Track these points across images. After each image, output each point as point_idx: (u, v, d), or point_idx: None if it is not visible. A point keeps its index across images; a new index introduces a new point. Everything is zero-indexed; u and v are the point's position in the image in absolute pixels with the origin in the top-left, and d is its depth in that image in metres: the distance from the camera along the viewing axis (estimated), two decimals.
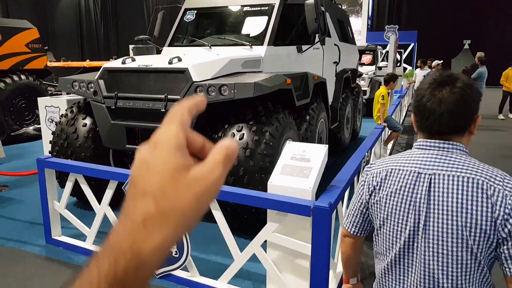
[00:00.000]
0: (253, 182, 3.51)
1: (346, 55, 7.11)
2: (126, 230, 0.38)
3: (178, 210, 0.39)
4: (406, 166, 1.38)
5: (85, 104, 4.57)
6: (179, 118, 0.42)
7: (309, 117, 4.84)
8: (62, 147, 4.27)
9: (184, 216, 0.39)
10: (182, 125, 0.42)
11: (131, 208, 0.39)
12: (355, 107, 8.02)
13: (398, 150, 8.01)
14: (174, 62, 3.93)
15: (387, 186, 1.40)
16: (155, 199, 0.38)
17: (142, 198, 0.39)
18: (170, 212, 0.38)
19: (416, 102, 1.40)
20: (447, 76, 1.36)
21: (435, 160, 1.34)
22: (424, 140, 1.39)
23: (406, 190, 1.36)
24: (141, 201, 0.39)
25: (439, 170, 1.31)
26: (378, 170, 1.46)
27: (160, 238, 0.38)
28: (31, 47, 8.85)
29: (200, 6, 5.78)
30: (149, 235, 0.37)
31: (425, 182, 1.32)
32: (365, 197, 1.48)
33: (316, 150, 2.73)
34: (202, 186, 0.40)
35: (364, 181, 1.50)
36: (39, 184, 3.53)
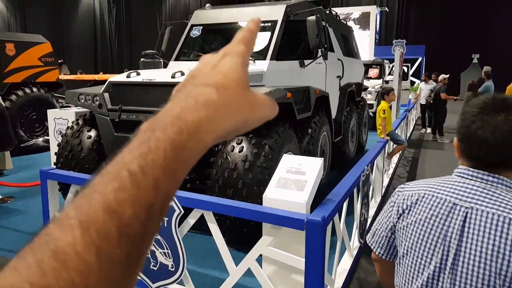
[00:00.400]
0: (252, 195, 3.54)
1: (351, 69, 7.15)
2: (189, 107, 0.39)
3: (235, 109, 0.42)
4: (441, 194, 1.24)
5: (91, 117, 4.67)
6: (248, 42, 0.46)
7: (311, 130, 4.87)
8: (67, 158, 4.36)
9: (239, 118, 0.42)
10: (249, 48, 0.46)
11: (192, 91, 0.41)
12: (360, 120, 8.03)
13: (404, 164, 7.98)
14: (176, 76, 4.01)
15: (417, 212, 1.27)
16: (218, 91, 0.41)
17: (204, 87, 0.41)
18: (229, 107, 0.41)
19: (463, 128, 1.24)
20: (502, 100, 1.21)
21: (475, 192, 1.19)
22: (467, 169, 1.25)
23: (437, 220, 1.22)
24: (204, 88, 0.41)
25: (477, 205, 1.17)
26: (410, 192, 1.33)
27: (218, 123, 0.40)
28: (44, 60, 9.07)
29: (205, 22, 5.90)
30: (209, 116, 0.39)
31: (460, 215, 1.18)
32: (393, 219, 1.35)
33: (311, 163, 2.75)
34: (258, 109, 0.45)
35: (394, 202, 1.37)
36: (41, 195, 3.60)
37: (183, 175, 0.38)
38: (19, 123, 8.43)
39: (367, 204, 4.14)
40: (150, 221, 0.34)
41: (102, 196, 0.32)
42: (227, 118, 0.41)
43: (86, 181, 0.35)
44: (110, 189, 0.33)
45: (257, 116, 0.45)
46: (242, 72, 0.43)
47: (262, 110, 0.45)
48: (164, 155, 0.35)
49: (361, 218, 3.74)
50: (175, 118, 0.38)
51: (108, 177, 0.34)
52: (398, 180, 6.81)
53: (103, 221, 0.31)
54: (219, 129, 0.41)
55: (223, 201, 2.74)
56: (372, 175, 4.47)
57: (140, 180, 0.34)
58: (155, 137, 0.36)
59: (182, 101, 0.40)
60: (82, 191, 0.34)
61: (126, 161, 0.35)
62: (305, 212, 2.51)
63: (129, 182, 0.34)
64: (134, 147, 0.36)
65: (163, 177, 0.35)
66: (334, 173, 6.24)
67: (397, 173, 7.24)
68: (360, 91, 7.99)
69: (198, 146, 0.39)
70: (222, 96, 0.41)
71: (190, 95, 0.40)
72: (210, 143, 0.40)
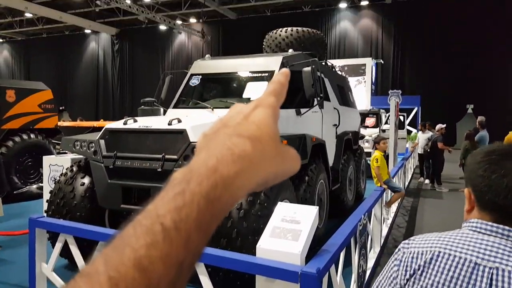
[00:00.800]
0: (246, 245, 3.43)
1: (347, 118, 7.23)
2: (225, 159, 0.38)
3: (268, 162, 0.41)
4: (460, 252, 1.09)
5: (85, 164, 4.63)
6: (278, 94, 0.46)
7: (308, 178, 4.83)
8: (58, 206, 4.27)
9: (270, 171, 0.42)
10: (279, 100, 0.46)
11: (227, 141, 0.40)
12: (358, 168, 8.01)
13: (403, 213, 7.86)
14: (173, 123, 4.02)
15: (433, 274, 1.11)
16: (252, 143, 0.40)
17: (238, 138, 0.40)
18: (262, 160, 0.40)
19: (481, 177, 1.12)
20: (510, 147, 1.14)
21: (497, 250, 1.06)
22: (485, 223, 1.11)
23: (458, 283, 1.07)
24: (238, 139, 0.40)
25: (503, 264, 1.04)
26: (420, 250, 1.16)
27: (251, 176, 0.39)
28: (44, 107, 9.17)
29: (205, 71, 6.03)
30: (244, 170, 0.38)
31: (484, 276, 1.05)
32: (400, 281, 1.17)
33: (306, 211, 2.69)
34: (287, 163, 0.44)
35: (400, 260, 1.18)
36: (29, 244, 3.49)
37: (213, 229, 0.37)
38: (14, 169, 8.37)
39: (365, 255, 4.01)
40: (179, 280, 0.34)
41: (134, 251, 0.32)
42: (260, 171, 0.41)
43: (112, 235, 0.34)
44: (142, 244, 0.32)
45: (286, 169, 0.45)
46: (274, 124, 0.44)
47: (291, 164, 0.45)
48: (198, 209, 0.35)
49: (359, 270, 3.61)
50: (211, 170, 0.37)
51: (141, 230, 0.33)
52: (397, 230, 6.67)
53: (133, 278, 0.31)
54: (252, 183, 0.40)
55: (215, 251, 2.64)
56: (370, 225, 4.38)
57: (173, 237, 0.33)
58: (190, 190, 0.36)
59: (217, 152, 0.39)
60: (113, 242, 0.33)
61: (160, 214, 0.34)
62: (300, 263, 2.41)
63: (161, 237, 0.33)
64: (169, 198, 0.36)
65: (195, 233, 0.35)
66: (332, 222, 6.11)
67: (396, 222, 7.11)
68: (357, 140, 8.04)
69: (231, 201, 0.38)
70: (256, 149, 0.40)
71: (225, 145, 0.39)
72: (242, 196, 0.40)
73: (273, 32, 7.28)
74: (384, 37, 24.24)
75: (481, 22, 21.07)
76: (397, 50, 23.93)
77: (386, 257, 5.17)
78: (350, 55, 23.86)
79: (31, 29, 31.03)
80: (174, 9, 26.12)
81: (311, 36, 7.07)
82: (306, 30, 7.10)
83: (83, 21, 27.36)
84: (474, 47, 21.25)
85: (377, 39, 24.38)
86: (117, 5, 23.04)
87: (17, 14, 26.70)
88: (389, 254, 5.27)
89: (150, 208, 0.36)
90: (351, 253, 3.54)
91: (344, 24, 25.11)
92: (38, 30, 31.18)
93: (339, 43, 25.14)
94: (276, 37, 7.11)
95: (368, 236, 4.34)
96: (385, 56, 23.86)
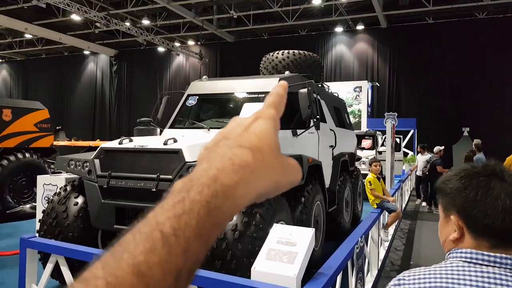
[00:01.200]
0: (241, 267, 3.37)
1: (343, 139, 7.24)
2: (225, 169, 0.38)
3: (269, 172, 0.41)
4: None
5: (79, 183, 4.58)
6: (278, 106, 0.47)
7: (304, 199, 4.79)
8: (50, 226, 4.20)
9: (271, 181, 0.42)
10: (278, 112, 0.46)
11: (228, 152, 0.40)
12: (355, 190, 7.97)
13: (400, 236, 7.79)
14: (169, 143, 4.01)
15: None
16: (253, 153, 0.40)
17: (239, 148, 0.40)
18: (263, 170, 0.40)
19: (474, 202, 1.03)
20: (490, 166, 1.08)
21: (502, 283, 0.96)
22: (482, 253, 1.00)
23: None
24: (239, 150, 0.40)
25: None
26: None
27: (252, 186, 0.40)
28: (40, 126, 9.14)
29: (201, 92, 6.05)
30: (244, 180, 0.39)
31: None
32: None
33: (302, 233, 2.65)
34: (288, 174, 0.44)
35: None
36: (19, 265, 3.41)
37: (213, 239, 0.37)
38: (7, 188, 8.28)
39: (363, 278, 3.94)
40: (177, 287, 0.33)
41: (132, 257, 0.32)
42: (261, 181, 0.41)
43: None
44: (141, 250, 0.32)
45: (288, 180, 0.45)
46: (274, 136, 0.44)
47: (292, 175, 0.45)
48: (198, 218, 0.35)
49: None
50: (211, 180, 0.37)
51: (140, 237, 0.33)
52: (394, 253, 6.59)
53: (131, 284, 0.31)
54: (252, 193, 0.40)
55: (209, 274, 2.58)
56: (367, 247, 4.32)
57: (172, 244, 0.33)
58: (190, 199, 0.36)
59: (218, 162, 0.39)
60: (111, 249, 0.33)
61: (159, 221, 0.34)
62: (296, 287, 2.36)
63: (160, 244, 0.33)
64: (169, 206, 0.36)
65: (195, 241, 0.34)
66: (329, 245, 6.04)
67: (394, 245, 7.04)
68: (354, 161, 8.03)
69: (231, 210, 0.38)
70: (257, 159, 0.40)
71: (225, 156, 0.40)
72: (243, 206, 0.40)
73: (270, 54, 7.36)
74: (379, 60, 24.55)
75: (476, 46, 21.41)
76: (393, 73, 24.20)
77: (383, 281, 5.09)
78: (346, 78, 24.11)
79: (31, 50, 31.28)
80: (172, 31, 26.45)
81: (308, 58, 7.15)
82: (302, 52, 7.18)
83: (82, 42, 27.61)
84: (469, 70, 21.52)
85: (372, 62, 24.68)
86: (116, 27, 23.32)
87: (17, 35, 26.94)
88: (387, 278, 5.19)
89: (149, 216, 0.36)
90: (348, 277, 3.48)
91: (340, 47, 25.46)
92: (37, 50, 31.43)
93: (335, 66, 25.43)
94: (273, 59, 7.18)
95: (365, 259, 4.28)
96: (380, 79, 24.11)
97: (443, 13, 21.83)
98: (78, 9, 20.13)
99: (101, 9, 21.77)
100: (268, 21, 24.23)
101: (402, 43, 23.45)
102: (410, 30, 23.24)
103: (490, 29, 21.28)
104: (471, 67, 21.52)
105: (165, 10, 22.33)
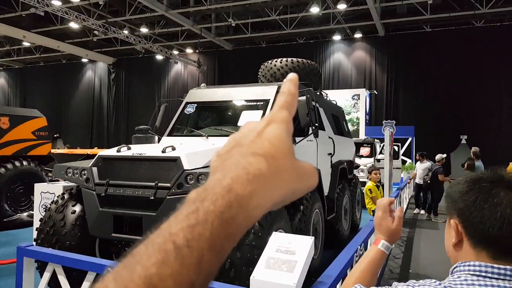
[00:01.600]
0: (240, 276, 3.34)
1: (342, 147, 7.24)
2: (240, 178, 0.38)
3: (284, 179, 0.41)
4: None
5: (77, 191, 4.56)
6: (290, 106, 0.45)
7: (303, 207, 4.78)
8: (48, 234, 4.17)
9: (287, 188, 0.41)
10: (291, 113, 0.45)
11: (242, 160, 0.39)
12: (353, 198, 7.96)
13: (399, 244, 7.76)
14: (167, 151, 4.00)
15: None
16: (267, 161, 0.39)
17: (253, 156, 0.39)
18: (278, 178, 0.40)
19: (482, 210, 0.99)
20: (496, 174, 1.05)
21: None
22: (491, 266, 0.95)
23: None
24: (253, 158, 0.39)
25: None
26: None
27: (267, 195, 0.39)
28: (37, 134, 9.12)
29: (200, 100, 6.05)
30: (259, 190, 0.38)
31: None
32: None
33: (301, 242, 2.63)
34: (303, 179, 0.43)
35: None
36: (16, 274, 3.38)
37: (228, 251, 0.37)
38: (5, 196, 8.23)
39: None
40: None
41: (144, 269, 0.32)
42: (276, 189, 0.40)
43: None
44: (153, 262, 0.32)
45: (303, 186, 0.44)
46: (288, 140, 0.43)
47: (308, 180, 0.45)
48: (212, 229, 0.34)
49: None
50: (226, 190, 0.37)
51: (153, 248, 0.33)
52: (393, 261, 6.56)
53: None
54: (268, 202, 0.40)
55: None
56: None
57: (185, 255, 0.33)
58: (204, 209, 0.35)
59: (232, 172, 0.38)
60: (124, 260, 0.33)
61: (173, 232, 0.34)
62: None
63: (173, 256, 0.32)
64: (182, 216, 0.35)
65: (208, 252, 0.34)
66: (328, 253, 6.01)
67: (392, 253, 7.01)
68: (352, 169, 8.03)
69: (246, 221, 0.38)
70: (271, 166, 0.40)
71: (240, 164, 0.39)
72: (259, 216, 0.39)
73: (268, 62, 7.38)
74: (377, 68, 24.68)
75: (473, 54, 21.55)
76: (390, 81, 24.32)
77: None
78: (344, 85, 24.21)
79: (28, 58, 31.32)
80: (171, 39, 26.56)
81: (306, 66, 7.17)
82: (300, 60, 7.20)
83: (81, 50, 27.67)
84: (466, 78, 21.64)
85: (370, 70, 24.81)
86: (115, 35, 23.41)
87: (15, 42, 26.98)
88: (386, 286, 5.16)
89: (163, 226, 0.35)
90: None
91: (338, 55, 25.59)
92: (35, 58, 31.48)
93: (333, 74, 25.54)
94: (271, 67, 7.20)
95: None
96: (378, 86, 24.21)
97: (440, 21, 22.02)
98: (76, 17, 20.20)
99: (99, 17, 21.87)
100: (266, 29, 24.38)
101: (399, 51, 23.60)
102: (408, 38, 23.40)
103: (487, 37, 21.44)
104: (469, 75, 21.64)
105: (163, 18, 22.44)
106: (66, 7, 19.58)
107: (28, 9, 19.28)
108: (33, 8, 18.80)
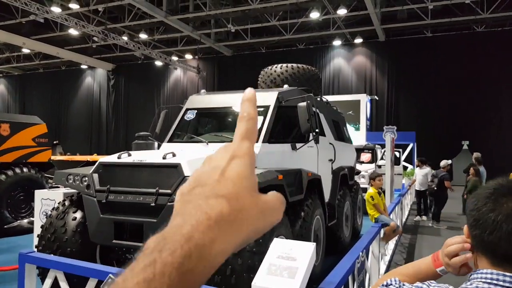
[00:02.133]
0: (241, 282, 3.33)
1: (342, 153, 7.23)
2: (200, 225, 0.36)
3: (248, 220, 0.40)
4: None
5: (78, 198, 4.55)
6: (251, 134, 0.44)
7: (304, 213, 4.77)
8: (49, 241, 4.16)
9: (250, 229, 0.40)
10: (253, 141, 0.44)
11: (203, 204, 0.38)
12: (354, 204, 7.94)
13: (401, 250, 7.74)
14: (168, 157, 4.00)
15: None
16: (230, 203, 0.39)
17: (215, 199, 0.39)
18: (241, 220, 0.39)
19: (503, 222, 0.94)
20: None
21: None
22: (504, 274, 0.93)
23: None
24: (215, 201, 0.38)
25: None
26: None
27: (229, 239, 0.38)
28: (38, 141, 9.12)
29: (200, 106, 6.06)
30: (221, 236, 0.37)
31: None
32: None
33: (303, 248, 2.62)
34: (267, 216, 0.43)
35: None
36: (18, 280, 3.36)
37: None
38: (5, 203, 8.22)
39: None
40: None
41: None
42: (239, 232, 0.39)
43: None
44: None
45: (267, 222, 0.43)
46: (251, 175, 0.42)
47: (271, 215, 0.44)
48: (169, 282, 0.33)
49: None
50: (186, 238, 0.35)
51: None
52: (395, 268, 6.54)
53: None
54: (230, 246, 0.39)
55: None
56: (368, 262, 4.28)
57: None
58: (162, 261, 0.34)
59: (193, 217, 0.37)
60: None
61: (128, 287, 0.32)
62: None
63: None
64: (138, 269, 0.34)
65: None
66: (329, 260, 5.99)
67: (394, 260, 6.98)
68: (353, 175, 8.02)
69: (206, 271, 0.36)
70: (234, 209, 0.39)
71: (201, 209, 0.38)
72: (220, 263, 0.38)
73: (268, 68, 7.38)
74: (378, 73, 24.72)
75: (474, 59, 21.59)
76: (391, 87, 24.34)
77: None
78: (344, 91, 24.23)
79: (28, 64, 31.40)
80: (170, 45, 26.63)
81: (306, 72, 7.18)
82: (301, 66, 7.21)
83: (80, 56, 27.76)
84: (467, 83, 21.66)
85: (371, 76, 24.85)
86: (114, 42, 23.49)
87: (14, 49, 27.08)
88: None
89: (118, 280, 0.33)
90: None
91: (338, 61, 25.64)
92: (35, 65, 31.57)
93: (333, 79, 25.58)
94: (271, 73, 7.21)
95: (366, 274, 4.24)
96: (379, 92, 24.23)
97: (441, 26, 22.08)
98: (76, 23, 20.28)
99: (99, 23, 21.95)
100: (266, 35, 24.45)
101: (400, 56, 23.64)
102: (408, 43, 23.46)
103: (489, 42, 21.49)
104: (469, 79, 21.67)
105: (163, 24, 22.52)
106: (65, 14, 19.67)
107: (28, 16, 19.37)
108: (33, 15, 18.89)
